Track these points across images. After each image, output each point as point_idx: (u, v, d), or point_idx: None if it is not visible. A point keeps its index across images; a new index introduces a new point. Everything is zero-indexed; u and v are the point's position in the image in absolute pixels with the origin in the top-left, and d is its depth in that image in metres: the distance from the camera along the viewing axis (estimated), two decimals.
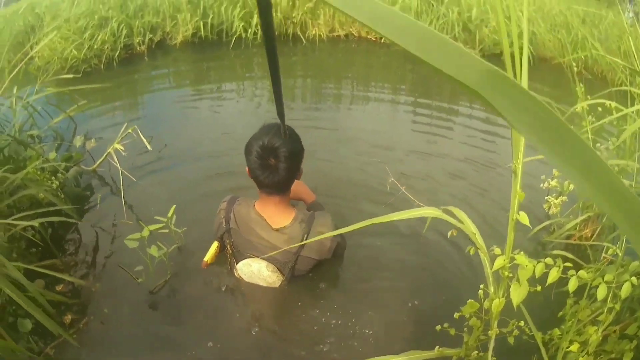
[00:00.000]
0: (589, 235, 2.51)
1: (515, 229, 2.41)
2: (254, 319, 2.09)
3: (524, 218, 1.45)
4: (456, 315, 1.60)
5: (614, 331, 1.61)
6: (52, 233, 2.47)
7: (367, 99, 4.75)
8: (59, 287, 2.18)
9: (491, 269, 1.53)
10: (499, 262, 1.46)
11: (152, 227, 2.10)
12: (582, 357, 1.53)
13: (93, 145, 3.10)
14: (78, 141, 3.17)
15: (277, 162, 1.87)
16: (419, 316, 2.11)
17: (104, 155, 2.98)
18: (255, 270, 2.11)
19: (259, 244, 2.06)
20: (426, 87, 5.19)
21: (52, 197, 2.32)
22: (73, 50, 4.76)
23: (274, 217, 2.04)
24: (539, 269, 1.41)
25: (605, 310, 1.52)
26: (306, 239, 2.00)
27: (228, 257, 2.20)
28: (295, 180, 2.07)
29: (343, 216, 2.54)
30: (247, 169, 1.97)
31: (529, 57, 4.63)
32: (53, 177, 2.53)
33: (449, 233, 1.63)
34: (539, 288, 1.46)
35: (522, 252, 1.46)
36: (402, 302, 2.17)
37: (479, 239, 1.62)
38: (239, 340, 2.02)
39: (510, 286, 1.46)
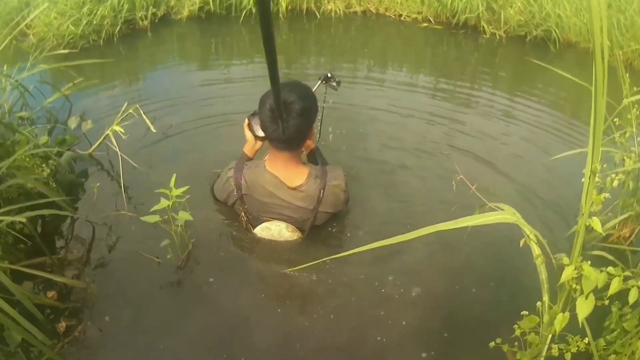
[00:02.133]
0: (627, 235, 2.42)
1: (553, 228, 2.40)
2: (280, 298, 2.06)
3: (596, 224, 1.35)
4: (517, 331, 1.51)
5: None
6: (42, 227, 2.29)
7: (383, 80, 4.52)
8: (50, 294, 1.99)
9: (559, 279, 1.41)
10: (568, 273, 1.38)
11: (176, 191, 1.97)
12: None
13: (90, 127, 2.88)
14: (73, 122, 2.96)
15: (287, 117, 1.90)
16: (456, 323, 2.02)
17: (102, 137, 2.80)
18: (276, 234, 2.20)
19: (276, 205, 2.12)
20: (448, 69, 4.98)
21: (42, 187, 2.12)
22: (70, 25, 4.55)
23: (288, 175, 2.09)
24: (602, 279, 1.34)
25: None
26: (322, 195, 2.11)
27: (244, 224, 2.24)
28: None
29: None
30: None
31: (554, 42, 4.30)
32: (44, 164, 2.33)
33: (521, 242, 1.52)
34: (606, 302, 1.39)
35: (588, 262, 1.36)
36: (438, 306, 2.08)
37: (546, 247, 1.53)
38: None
39: (569, 297, 1.44)
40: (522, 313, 1.50)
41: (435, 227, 1.33)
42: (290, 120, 1.92)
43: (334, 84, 2.62)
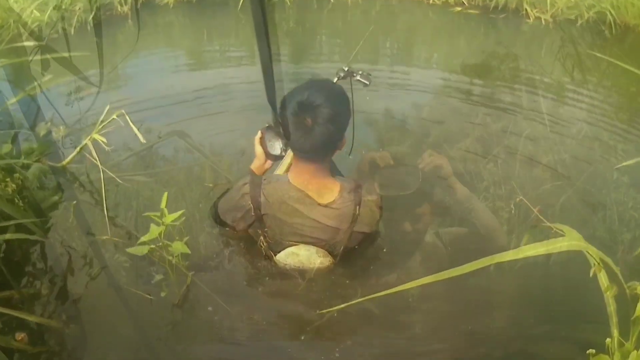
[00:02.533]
0: None
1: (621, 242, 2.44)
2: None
3: None
4: None
5: None
6: (7, 254, 2.25)
7: (410, 74, 4.57)
8: (19, 335, 1.92)
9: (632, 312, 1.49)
10: None
11: (171, 217, 1.91)
12: None
13: (63, 134, 2.86)
14: (42, 128, 2.96)
15: (314, 123, 1.90)
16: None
17: (79, 147, 2.79)
18: (305, 260, 2.14)
19: (304, 226, 2.08)
20: (488, 60, 5.00)
21: (6, 206, 2.09)
22: (34, 11, 4.59)
23: (316, 190, 2.06)
24: None
25: None
26: (358, 212, 2.06)
27: (263, 250, 2.19)
28: None
29: None
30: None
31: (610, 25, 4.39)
32: (8, 179, 2.30)
33: (591, 272, 1.56)
34: None
35: None
36: (492, 337, 2.07)
37: (619, 274, 1.56)
38: None
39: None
40: (588, 352, 1.50)
41: (491, 260, 1.48)
42: (317, 127, 1.90)
43: (358, 77, 2.53)
